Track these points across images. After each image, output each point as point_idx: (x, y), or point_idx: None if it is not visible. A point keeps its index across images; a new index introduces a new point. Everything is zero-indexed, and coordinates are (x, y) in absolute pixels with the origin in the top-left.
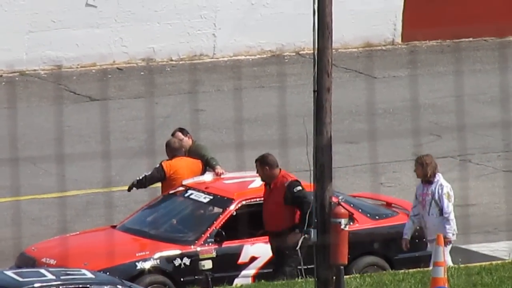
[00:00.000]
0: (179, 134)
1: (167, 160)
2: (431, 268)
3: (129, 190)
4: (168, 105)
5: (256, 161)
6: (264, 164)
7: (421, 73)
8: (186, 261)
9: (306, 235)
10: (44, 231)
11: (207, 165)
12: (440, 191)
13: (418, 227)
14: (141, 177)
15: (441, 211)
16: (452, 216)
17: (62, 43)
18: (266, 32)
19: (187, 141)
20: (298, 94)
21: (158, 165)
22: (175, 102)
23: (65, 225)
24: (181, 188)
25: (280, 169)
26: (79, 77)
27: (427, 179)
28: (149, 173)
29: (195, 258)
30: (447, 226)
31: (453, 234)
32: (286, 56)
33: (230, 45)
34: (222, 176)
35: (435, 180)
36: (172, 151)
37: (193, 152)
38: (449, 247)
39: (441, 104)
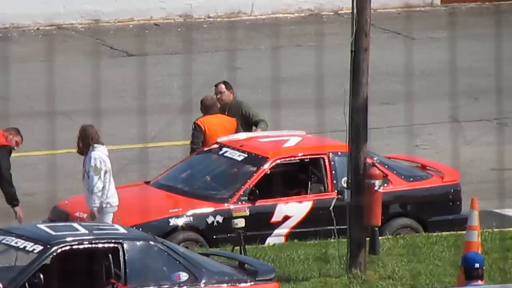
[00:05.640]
0: (222, 86)
1: (200, 117)
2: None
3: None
4: (205, 62)
5: None
6: None
7: (460, 35)
8: (219, 219)
9: (339, 196)
10: (78, 185)
11: (252, 123)
12: (88, 163)
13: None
14: (191, 148)
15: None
16: (96, 190)
17: None
18: None
19: (228, 95)
20: (335, 53)
21: (193, 125)
22: (212, 59)
23: None
24: (215, 146)
25: None
26: (116, 32)
27: (81, 150)
28: (192, 139)
29: (228, 216)
30: (90, 200)
31: (96, 208)
32: (324, 15)
33: (268, 3)
34: (257, 135)
35: (89, 152)
36: (206, 108)
37: (234, 108)
38: (107, 217)
39: (479, 66)
